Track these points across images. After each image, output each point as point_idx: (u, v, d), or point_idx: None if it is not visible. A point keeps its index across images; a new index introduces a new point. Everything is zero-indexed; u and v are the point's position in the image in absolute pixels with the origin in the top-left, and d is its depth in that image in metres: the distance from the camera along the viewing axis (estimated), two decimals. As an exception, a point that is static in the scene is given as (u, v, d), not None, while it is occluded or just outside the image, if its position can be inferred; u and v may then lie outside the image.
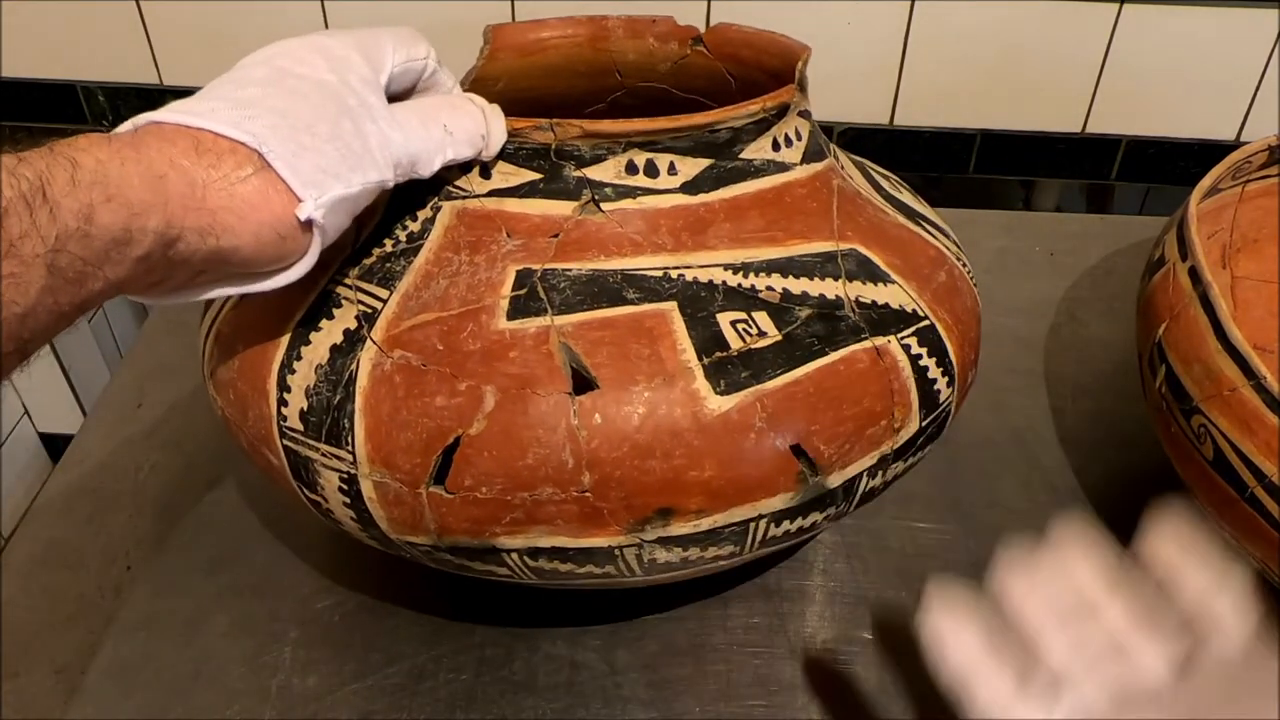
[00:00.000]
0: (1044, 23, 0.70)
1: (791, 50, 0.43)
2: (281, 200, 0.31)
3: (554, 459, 0.34)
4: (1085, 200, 0.89)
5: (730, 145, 0.38)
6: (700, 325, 0.36)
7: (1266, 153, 0.53)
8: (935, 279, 0.41)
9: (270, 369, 0.38)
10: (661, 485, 0.35)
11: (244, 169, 0.30)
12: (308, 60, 0.34)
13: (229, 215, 0.30)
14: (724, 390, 0.35)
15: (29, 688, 0.45)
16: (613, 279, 0.36)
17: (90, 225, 0.27)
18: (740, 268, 0.37)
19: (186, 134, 0.30)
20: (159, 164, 0.29)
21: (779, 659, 0.46)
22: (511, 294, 0.36)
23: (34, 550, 0.52)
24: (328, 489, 0.38)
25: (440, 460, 0.35)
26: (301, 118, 0.32)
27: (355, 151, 0.33)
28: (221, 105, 0.31)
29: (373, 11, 0.70)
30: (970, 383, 0.43)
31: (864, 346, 0.37)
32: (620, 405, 0.34)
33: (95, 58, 0.74)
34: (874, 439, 0.38)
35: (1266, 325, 0.54)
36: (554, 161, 0.37)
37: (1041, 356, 0.63)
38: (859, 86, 0.73)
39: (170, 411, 0.60)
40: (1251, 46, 0.70)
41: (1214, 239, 0.55)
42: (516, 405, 0.34)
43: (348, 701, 0.45)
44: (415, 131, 0.35)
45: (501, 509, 0.35)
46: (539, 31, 0.47)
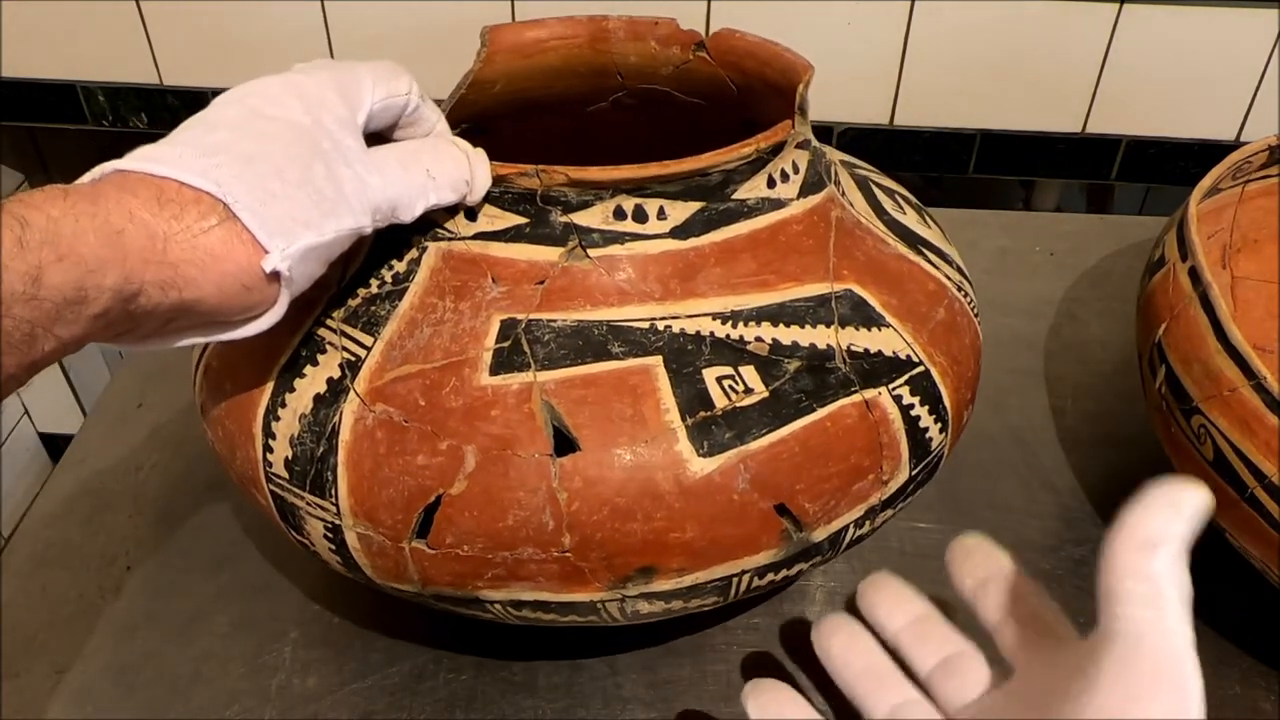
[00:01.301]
0: (1044, 23, 0.70)
1: (793, 67, 0.41)
2: (246, 251, 0.30)
3: (534, 520, 0.34)
4: (1085, 200, 0.89)
5: (723, 187, 0.37)
6: (685, 382, 0.35)
7: (1266, 153, 0.53)
8: (933, 317, 0.40)
9: (256, 413, 0.38)
10: (643, 546, 0.35)
11: (208, 219, 0.29)
12: (281, 101, 0.33)
13: (191, 268, 0.29)
14: (707, 452, 0.34)
15: (29, 688, 0.45)
16: (598, 331, 0.36)
17: (39, 287, 0.26)
18: (729, 317, 0.36)
19: (150, 183, 0.29)
20: (117, 218, 0.28)
21: (779, 659, 0.46)
22: (495, 345, 0.35)
23: (34, 550, 0.52)
24: (313, 535, 0.38)
25: (422, 517, 0.35)
26: (271, 163, 0.31)
27: (328, 197, 0.32)
28: (189, 152, 0.30)
29: (373, 11, 0.70)
30: (966, 421, 0.42)
31: (853, 400, 0.36)
32: (601, 468, 0.34)
33: (95, 58, 0.74)
34: (861, 493, 0.37)
35: (1266, 325, 0.54)
36: (540, 206, 0.36)
37: (1041, 356, 0.63)
38: (859, 86, 0.73)
39: (170, 411, 0.60)
40: (1251, 46, 0.70)
41: (1214, 239, 0.55)
42: (497, 466, 0.34)
43: (348, 701, 0.45)
44: (395, 175, 0.34)
45: (483, 565, 0.35)
46: (537, 32, 0.46)
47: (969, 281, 0.45)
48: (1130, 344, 0.54)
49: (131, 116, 0.76)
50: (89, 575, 0.50)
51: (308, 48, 0.72)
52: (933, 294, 0.41)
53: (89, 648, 0.47)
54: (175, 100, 0.74)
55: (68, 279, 0.26)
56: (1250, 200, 0.55)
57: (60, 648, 0.47)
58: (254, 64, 0.72)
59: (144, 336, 0.31)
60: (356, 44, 0.71)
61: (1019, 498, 0.54)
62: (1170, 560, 0.27)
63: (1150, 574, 0.27)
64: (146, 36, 0.72)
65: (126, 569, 0.51)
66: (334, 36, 0.71)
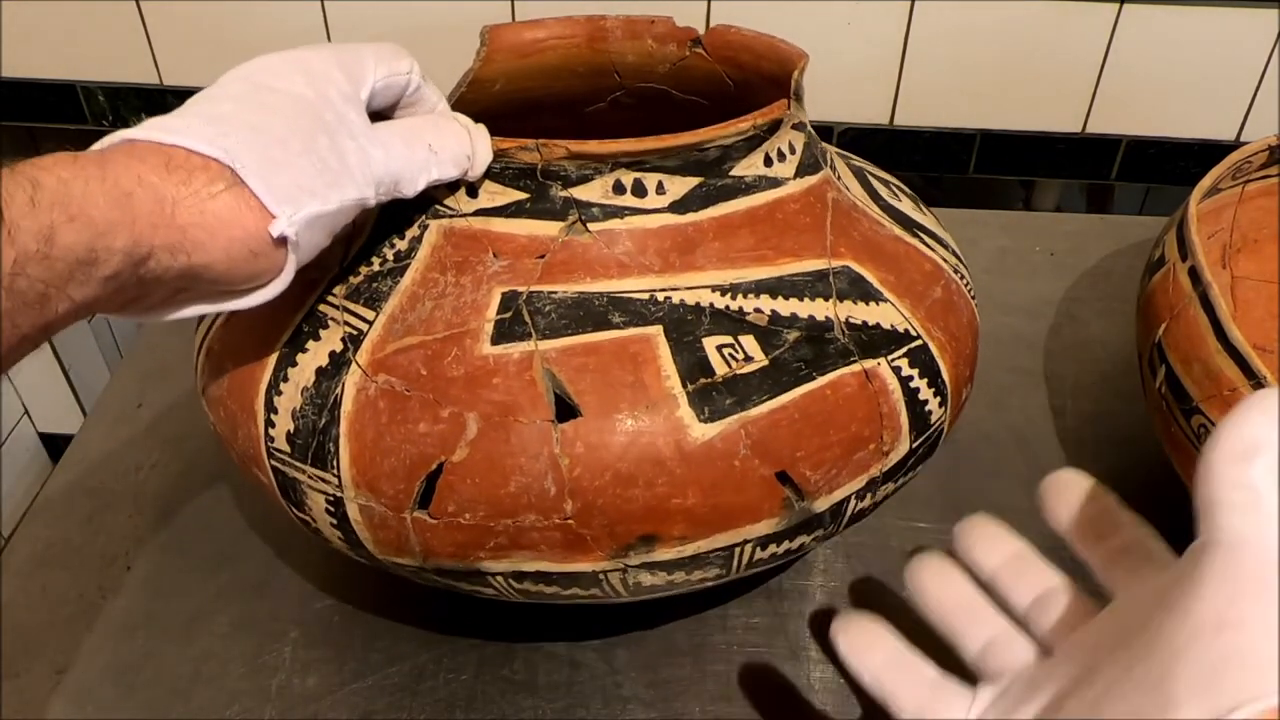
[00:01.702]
0: (1044, 23, 0.70)
1: (788, 57, 0.42)
2: (254, 217, 0.30)
3: (536, 487, 0.34)
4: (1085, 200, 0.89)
5: (720, 163, 0.38)
6: (685, 350, 0.35)
7: (1266, 153, 0.53)
8: (930, 295, 0.41)
9: (258, 390, 0.38)
10: (644, 513, 0.35)
11: (216, 185, 0.30)
12: (286, 76, 0.33)
13: (199, 232, 0.29)
14: (708, 418, 0.35)
15: (29, 688, 0.45)
16: (598, 302, 0.36)
17: (51, 246, 0.26)
18: (728, 289, 0.37)
19: (158, 151, 0.29)
20: (126, 181, 0.28)
21: (779, 659, 0.46)
22: (496, 317, 0.36)
23: (34, 550, 0.52)
24: (315, 510, 0.38)
25: (424, 486, 0.35)
26: (275, 133, 0.31)
27: (332, 168, 0.32)
28: (196, 121, 0.31)
29: (373, 11, 0.70)
30: (965, 399, 0.42)
31: (852, 370, 0.37)
32: (603, 433, 0.34)
33: (95, 58, 0.74)
34: (862, 463, 0.37)
35: (1266, 325, 0.54)
36: (540, 181, 0.37)
37: (1041, 356, 0.63)
38: (859, 86, 0.73)
39: (170, 411, 0.60)
40: (1251, 46, 0.70)
41: (1214, 239, 0.55)
42: (499, 433, 0.34)
43: (348, 701, 0.45)
44: (398, 150, 0.34)
45: (485, 534, 0.35)
46: (536, 32, 0.46)
47: (965, 266, 0.45)
48: (1130, 344, 0.54)
49: (131, 116, 0.76)
50: (89, 575, 0.50)
51: (308, 48, 0.72)
52: (929, 274, 0.42)
53: (89, 648, 0.47)
54: (175, 100, 0.74)
55: (79, 239, 0.27)
56: (1250, 200, 0.55)
57: (60, 648, 0.47)
58: (254, 64, 0.72)
59: (152, 306, 0.31)
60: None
61: (1019, 498, 0.54)
62: (1268, 468, 0.27)
63: (1249, 482, 0.27)
64: (146, 36, 0.72)
65: (126, 569, 0.51)
66: (334, 36, 0.71)
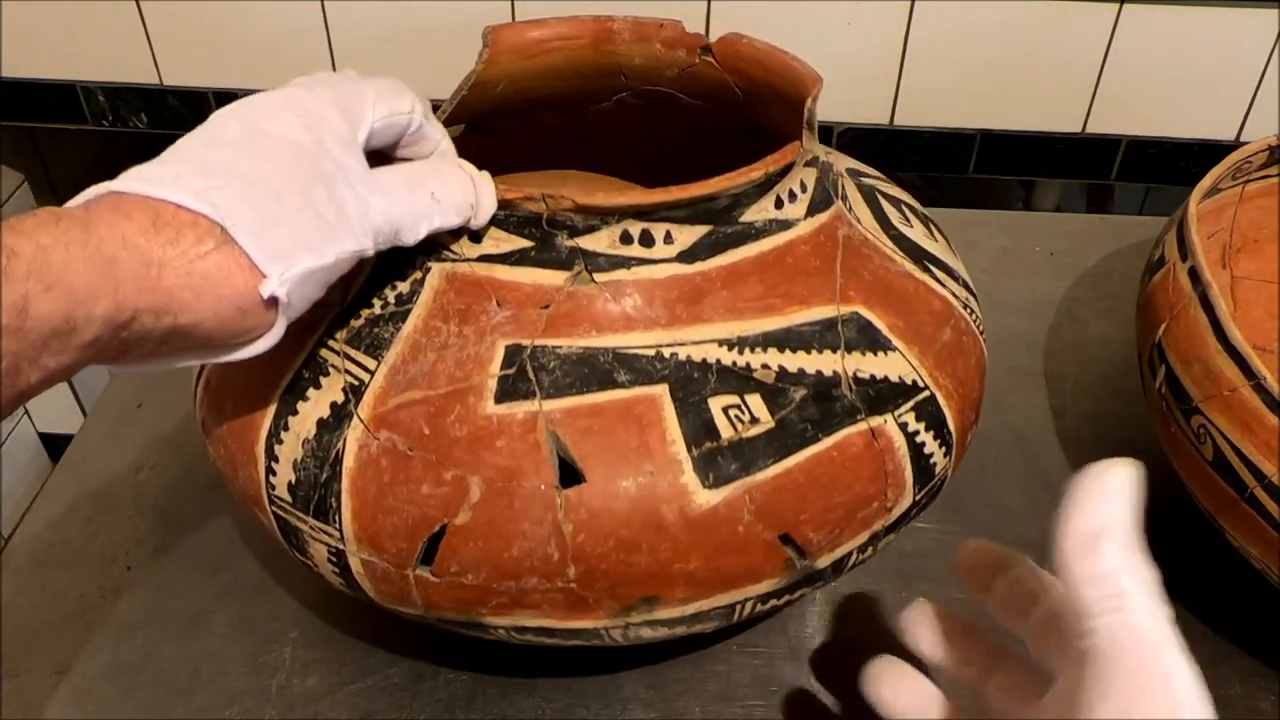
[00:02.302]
0: (1044, 23, 0.69)
1: (801, 78, 0.41)
2: (244, 276, 0.29)
3: (539, 551, 0.34)
4: (1085, 200, 0.89)
5: (730, 210, 0.37)
6: (691, 412, 0.35)
7: (1266, 153, 0.53)
8: (939, 338, 0.40)
9: (258, 435, 0.37)
10: (647, 577, 0.34)
11: (205, 243, 0.28)
12: (281, 117, 0.32)
13: (186, 293, 0.28)
14: (713, 484, 0.34)
15: (29, 688, 0.45)
16: (603, 358, 0.35)
17: (24, 318, 0.25)
18: (735, 342, 0.36)
19: (146, 206, 0.28)
20: (110, 245, 0.27)
21: (779, 659, 0.46)
22: (500, 373, 0.35)
23: (34, 550, 0.52)
24: (317, 558, 0.38)
25: (426, 545, 0.35)
26: (270, 184, 0.30)
27: (329, 220, 0.31)
28: (186, 171, 0.29)
29: (373, 11, 0.70)
30: (969, 442, 0.42)
31: (859, 429, 0.36)
32: (607, 500, 0.34)
33: (95, 58, 0.73)
34: (865, 520, 0.37)
35: (1266, 325, 0.54)
36: (546, 230, 0.36)
37: (1041, 356, 0.63)
38: (859, 86, 0.73)
39: (170, 412, 0.60)
40: (1251, 46, 0.70)
41: (1214, 239, 0.55)
42: (502, 498, 0.34)
43: (348, 701, 0.45)
44: (399, 197, 0.33)
45: (487, 594, 0.35)
46: (540, 32, 0.45)
47: (975, 297, 0.44)
48: (1130, 344, 0.54)
49: (131, 116, 0.76)
50: (89, 575, 0.50)
51: (308, 48, 0.72)
52: (939, 314, 0.41)
53: (89, 648, 0.47)
54: (175, 100, 0.74)
55: (55, 309, 0.26)
56: (1250, 200, 0.55)
57: (60, 648, 0.47)
58: (254, 64, 0.72)
59: (137, 359, 0.30)
60: (356, 44, 0.71)
61: (1019, 498, 0.54)
62: (1119, 552, 0.26)
63: (1102, 574, 0.26)
64: (146, 36, 0.72)
65: (126, 569, 0.51)
66: (334, 36, 0.71)
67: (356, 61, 0.72)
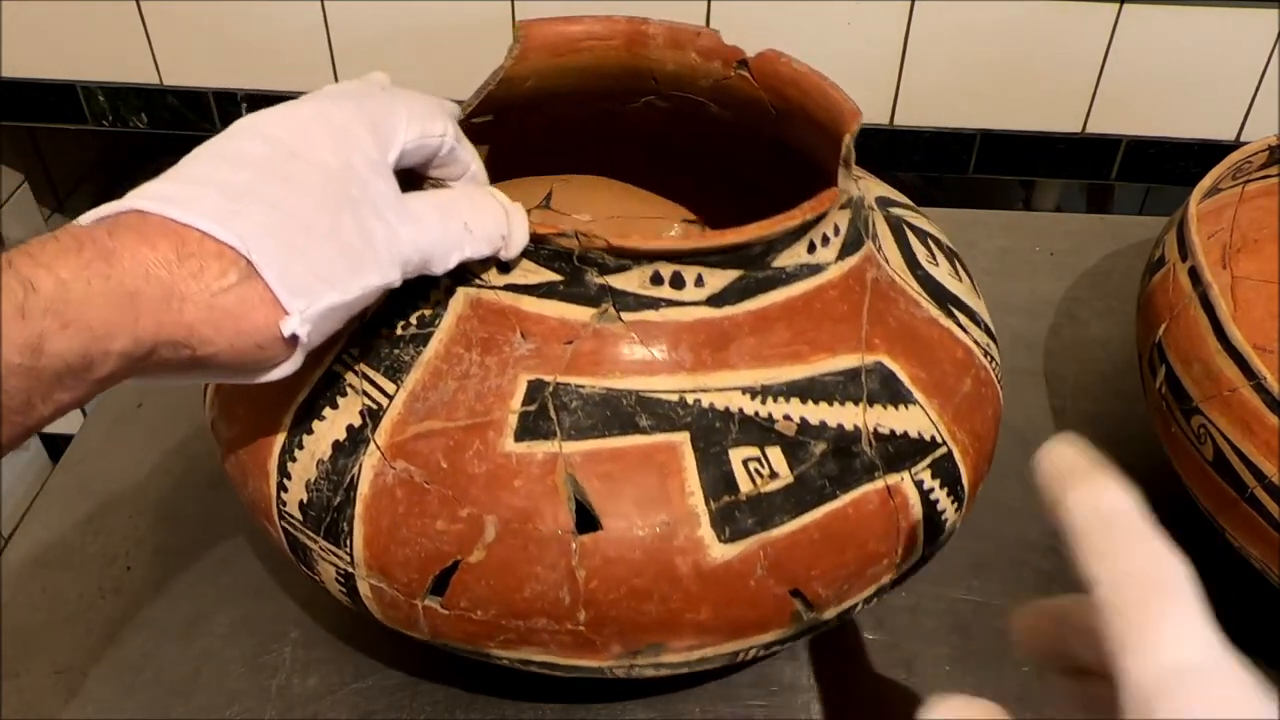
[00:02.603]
0: (1044, 23, 0.69)
1: (840, 111, 0.39)
2: (265, 312, 0.28)
3: (550, 595, 0.34)
4: (1085, 200, 0.90)
5: (763, 255, 0.36)
6: (711, 463, 0.34)
7: (1266, 153, 0.53)
8: (959, 390, 0.40)
9: (271, 450, 0.37)
10: (656, 624, 0.34)
11: (228, 276, 0.28)
12: (310, 137, 0.31)
13: (206, 328, 0.28)
14: (729, 538, 0.34)
15: (29, 688, 0.45)
16: (626, 401, 0.35)
17: (39, 357, 0.25)
18: (759, 391, 0.36)
19: (170, 232, 0.27)
20: (132, 279, 0.26)
21: (779, 659, 0.46)
22: (521, 409, 0.34)
23: (34, 550, 0.52)
24: (325, 577, 0.37)
25: (437, 578, 0.34)
26: (298, 213, 0.29)
27: (356, 252, 0.30)
28: (212, 193, 0.28)
29: (373, 11, 0.70)
30: (978, 490, 0.42)
31: (876, 487, 0.36)
32: (622, 548, 0.34)
33: (95, 58, 0.73)
34: (874, 576, 0.37)
35: (1266, 325, 0.54)
36: (576, 265, 0.35)
37: (1041, 356, 0.63)
38: (859, 86, 0.72)
39: (170, 411, 0.59)
40: (1251, 46, 0.70)
41: (1214, 239, 0.55)
42: (517, 540, 0.34)
43: (348, 701, 0.45)
44: (431, 226, 0.32)
45: (495, 629, 0.35)
46: (573, 27, 0.43)
47: (995, 342, 0.44)
48: (1130, 344, 0.54)
49: (131, 116, 0.76)
50: (89, 575, 0.50)
51: (308, 48, 0.72)
52: (960, 363, 0.40)
53: (89, 648, 0.47)
54: (175, 100, 0.74)
55: (72, 346, 0.25)
56: (1250, 200, 0.55)
57: (60, 648, 0.47)
58: (254, 64, 0.72)
59: (152, 377, 0.30)
60: (356, 44, 0.71)
61: (1019, 498, 0.54)
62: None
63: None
64: (146, 36, 0.72)
65: (126, 569, 0.51)
66: (334, 36, 0.71)
67: (356, 61, 0.72)
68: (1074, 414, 0.59)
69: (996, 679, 0.46)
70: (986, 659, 0.47)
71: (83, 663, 0.46)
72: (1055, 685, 0.32)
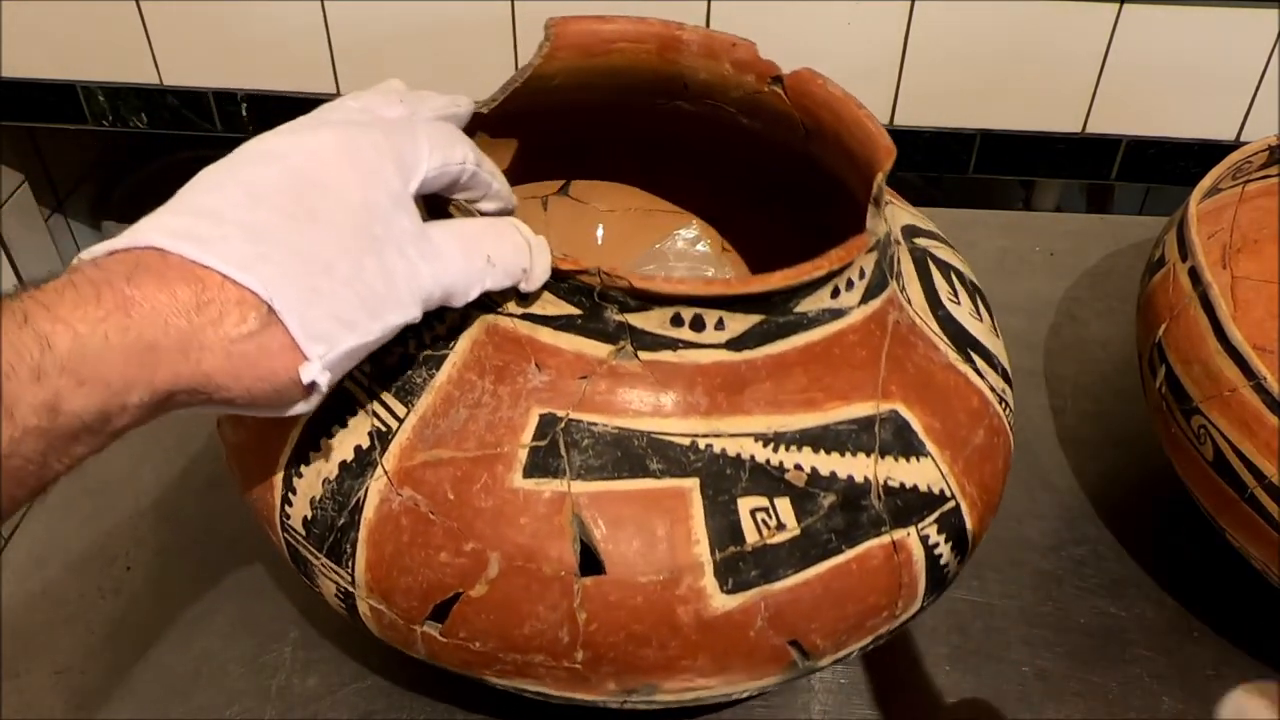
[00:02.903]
0: (1044, 23, 0.70)
1: (873, 142, 0.38)
2: (284, 358, 0.28)
3: (550, 634, 0.34)
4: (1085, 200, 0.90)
5: (786, 300, 0.35)
6: (719, 512, 0.34)
7: (1266, 153, 0.53)
8: (972, 441, 0.39)
9: (277, 461, 0.37)
10: (653, 667, 0.34)
11: (248, 323, 0.27)
12: (333, 168, 0.30)
13: (224, 375, 0.27)
14: (731, 589, 0.34)
15: (29, 688, 0.45)
16: (638, 442, 0.34)
17: (55, 417, 0.24)
18: (773, 439, 0.35)
19: (191, 276, 0.27)
20: (151, 329, 0.26)
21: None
22: (531, 443, 0.34)
23: (34, 550, 0.52)
24: (325, 591, 0.37)
25: (438, 606, 0.34)
26: (320, 255, 0.28)
27: (377, 293, 0.29)
28: (234, 233, 0.28)
29: (373, 11, 0.70)
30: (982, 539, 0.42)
31: (881, 542, 0.35)
32: (623, 593, 0.33)
33: (95, 58, 0.73)
34: (873, 628, 0.37)
35: (1266, 325, 0.54)
36: (596, 301, 0.34)
37: (1041, 356, 0.63)
38: (859, 86, 0.72)
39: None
40: (1251, 46, 0.70)
41: (1214, 239, 0.55)
42: (520, 578, 0.33)
43: (348, 701, 0.45)
44: (453, 260, 0.32)
45: (492, 660, 0.35)
46: (605, 27, 0.42)
47: (1010, 385, 0.43)
48: (1130, 344, 0.54)
49: (131, 116, 0.76)
50: (89, 575, 0.50)
51: (308, 48, 0.72)
52: (975, 412, 0.40)
53: (89, 648, 0.47)
54: (175, 100, 0.74)
55: (89, 404, 0.25)
56: (1250, 200, 0.55)
57: (60, 648, 0.47)
58: (254, 64, 0.72)
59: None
60: (356, 44, 0.72)
61: (1019, 498, 0.54)
62: None
63: None
64: (146, 36, 0.72)
65: (126, 569, 0.51)
66: (334, 36, 0.71)
67: (356, 61, 0.72)
68: (1074, 414, 0.59)
69: (996, 679, 0.46)
70: (986, 659, 0.47)
71: (83, 663, 0.46)
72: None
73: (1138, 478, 0.56)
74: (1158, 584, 0.51)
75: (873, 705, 0.45)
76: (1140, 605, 0.50)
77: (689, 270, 0.55)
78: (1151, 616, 0.49)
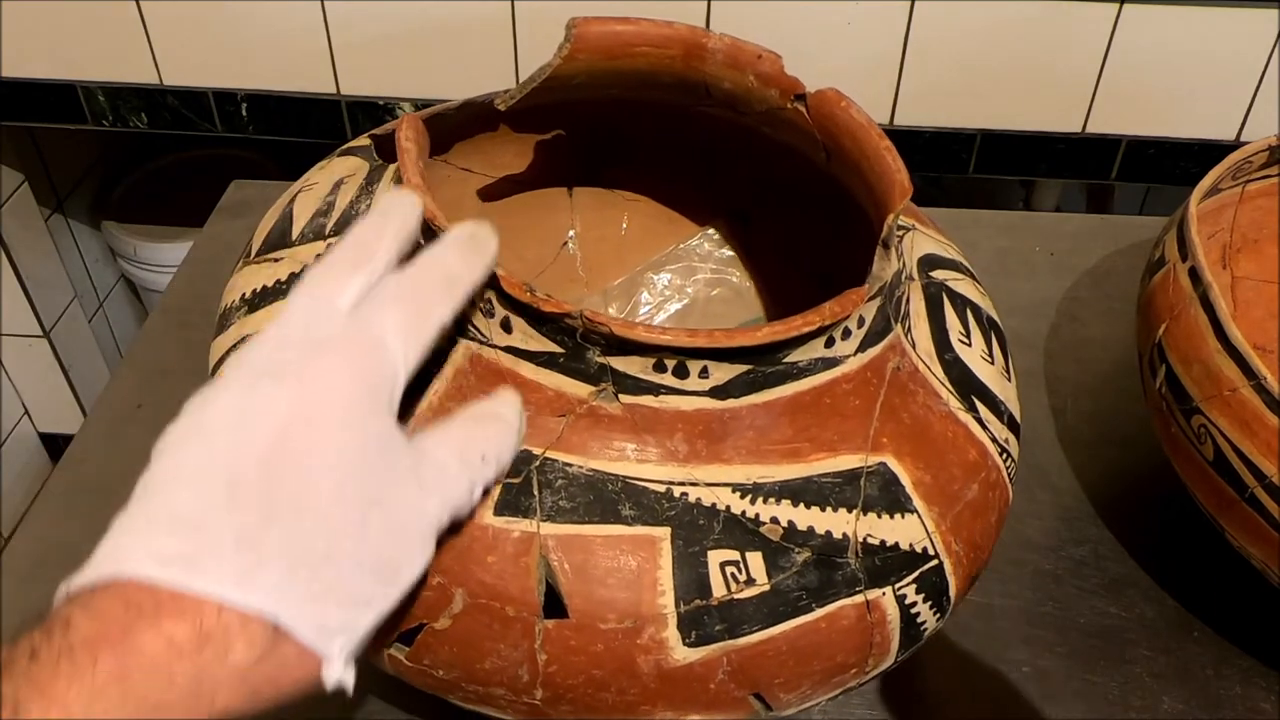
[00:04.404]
0: (1044, 23, 0.70)
1: (889, 181, 0.37)
2: (304, 664, 0.26)
3: (510, 671, 0.33)
4: (1085, 200, 0.90)
5: (774, 351, 0.34)
6: (688, 564, 0.33)
7: (1266, 153, 0.53)
8: (964, 497, 0.37)
9: None
10: (612, 709, 0.34)
11: (256, 645, 0.25)
12: (314, 429, 0.27)
13: (241, 702, 0.25)
14: (693, 642, 0.33)
15: (29, 688, 0.45)
16: (612, 486, 0.34)
17: None
18: (750, 489, 0.34)
19: (185, 610, 0.24)
20: (155, 689, 0.24)
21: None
22: (506, 479, 0.34)
23: (34, 550, 0.52)
24: None
25: (403, 633, 0.34)
26: (319, 543, 0.26)
27: (387, 558, 0.28)
28: (222, 541, 0.25)
29: (373, 11, 0.70)
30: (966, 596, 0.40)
31: (854, 602, 0.34)
32: (584, 638, 0.33)
33: (95, 58, 0.74)
34: (840, 683, 0.36)
35: (1266, 325, 0.54)
36: (579, 342, 0.34)
37: (1041, 356, 0.63)
38: (859, 86, 0.73)
39: (170, 412, 0.59)
40: (1251, 46, 0.70)
41: (1214, 239, 0.55)
42: (483, 615, 0.33)
43: (348, 701, 0.45)
44: (456, 479, 0.30)
45: (455, 687, 0.35)
46: (628, 29, 0.41)
47: (1015, 434, 0.42)
48: (1130, 344, 0.54)
49: (131, 116, 0.76)
50: (89, 575, 0.50)
51: (308, 48, 0.72)
52: (972, 465, 0.38)
53: (89, 648, 0.47)
54: (175, 100, 0.74)
55: None
56: (1250, 200, 0.55)
57: (60, 648, 0.47)
58: (254, 64, 0.72)
59: None
60: (356, 44, 0.72)
61: (1019, 498, 0.54)
62: None
63: None
64: (146, 36, 0.72)
65: (126, 569, 0.50)
66: (334, 36, 0.71)
67: (356, 61, 0.72)
68: (1074, 414, 0.59)
69: (996, 679, 0.46)
70: (986, 659, 0.47)
71: (83, 663, 0.46)
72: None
73: (1138, 478, 0.56)
74: (1158, 584, 0.51)
75: (872, 706, 0.45)
76: (1140, 605, 0.50)
77: (712, 273, 0.54)
78: (1151, 616, 0.49)
